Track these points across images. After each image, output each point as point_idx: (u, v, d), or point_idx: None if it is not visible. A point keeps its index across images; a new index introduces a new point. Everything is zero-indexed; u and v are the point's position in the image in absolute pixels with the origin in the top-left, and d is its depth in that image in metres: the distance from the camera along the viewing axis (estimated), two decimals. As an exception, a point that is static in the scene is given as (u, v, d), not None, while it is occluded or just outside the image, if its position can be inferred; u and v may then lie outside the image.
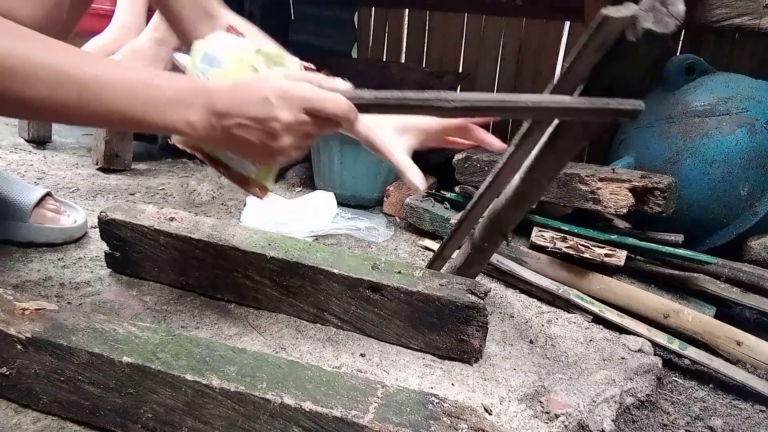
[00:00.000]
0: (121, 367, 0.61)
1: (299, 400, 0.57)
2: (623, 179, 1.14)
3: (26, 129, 1.74)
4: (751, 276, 1.12)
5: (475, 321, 0.83)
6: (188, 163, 1.82)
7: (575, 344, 0.98)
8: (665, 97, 1.40)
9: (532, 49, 1.96)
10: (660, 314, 1.05)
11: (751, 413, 0.95)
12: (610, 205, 1.14)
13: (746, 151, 1.26)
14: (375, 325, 0.88)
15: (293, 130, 0.65)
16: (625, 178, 1.14)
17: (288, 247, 0.92)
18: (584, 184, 1.17)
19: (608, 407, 0.83)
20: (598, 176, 1.16)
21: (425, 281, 0.86)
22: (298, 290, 0.90)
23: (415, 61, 2.21)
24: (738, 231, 1.30)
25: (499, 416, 0.75)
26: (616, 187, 1.14)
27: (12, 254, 1.01)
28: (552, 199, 1.23)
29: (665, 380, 1.00)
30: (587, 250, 1.11)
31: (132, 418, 0.62)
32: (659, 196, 1.11)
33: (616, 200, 1.14)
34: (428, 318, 0.84)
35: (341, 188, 1.60)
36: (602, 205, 1.15)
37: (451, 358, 0.86)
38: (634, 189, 1.12)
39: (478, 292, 0.84)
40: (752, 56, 1.58)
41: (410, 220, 1.44)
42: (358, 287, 0.86)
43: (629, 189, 1.13)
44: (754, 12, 1.51)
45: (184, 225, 0.96)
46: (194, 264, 0.93)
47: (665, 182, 1.11)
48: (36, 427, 0.63)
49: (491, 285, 1.16)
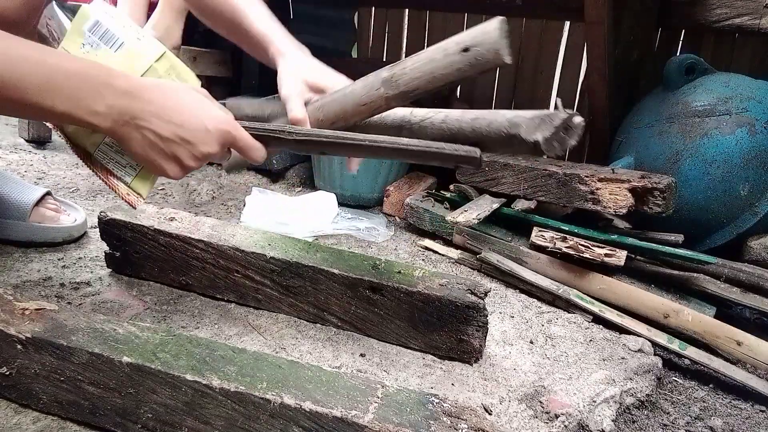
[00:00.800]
0: (121, 367, 0.61)
1: (299, 400, 0.57)
2: (623, 179, 1.14)
3: (26, 129, 1.74)
4: (751, 276, 1.12)
5: (475, 321, 0.83)
6: (188, 163, 1.82)
7: (575, 344, 0.98)
8: (665, 97, 1.40)
9: (532, 49, 1.96)
10: (660, 314, 1.05)
11: (751, 413, 0.95)
12: (610, 205, 1.14)
13: (746, 151, 1.26)
14: (375, 325, 0.88)
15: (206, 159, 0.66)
16: (625, 178, 1.14)
17: (288, 247, 0.92)
18: (584, 185, 1.17)
19: (608, 407, 0.83)
20: (598, 176, 1.16)
21: (425, 281, 0.86)
22: (298, 290, 0.90)
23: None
24: (738, 231, 1.30)
25: (499, 416, 0.75)
26: (615, 187, 1.14)
27: (12, 254, 1.01)
28: (551, 199, 1.23)
29: (665, 380, 1.00)
30: (587, 250, 1.11)
31: (132, 418, 0.62)
32: (659, 196, 1.11)
33: (615, 200, 1.14)
34: (428, 318, 0.84)
35: (341, 188, 1.60)
36: (602, 205, 1.15)
37: (451, 358, 0.86)
38: (634, 189, 1.12)
39: (478, 292, 0.84)
40: (752, 56, 1.58)
41: (410, 220, 1.44)
42: (358, 287, 0.86)
43: (629, 189, 1.13)
44: (754, 12, 1.51)
45: (184, 225, 0.96)
46: (194, 264, 0.93)
47: (665, 182, 1.11)
48: (36, 427, 0.63)
49: (491, 285, 1.16)
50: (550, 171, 1.23)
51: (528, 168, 1.26)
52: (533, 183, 1.25)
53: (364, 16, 2.35)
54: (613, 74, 1.54)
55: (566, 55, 1.91)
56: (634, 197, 1.13)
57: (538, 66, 1.97)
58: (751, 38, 1.56)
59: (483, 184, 1.35)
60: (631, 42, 1.60)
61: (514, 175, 1.28)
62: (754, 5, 1.50)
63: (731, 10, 1.53)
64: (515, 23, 1.98)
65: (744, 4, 1.51)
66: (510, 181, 1.29)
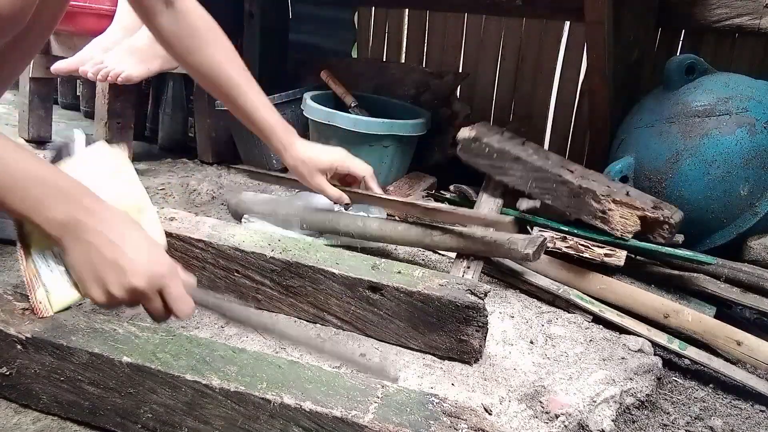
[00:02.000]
0: (120, 367, 0.61)
1: (299, 400, 0.57)
2: (637, 206, 1.12)
3: (26, 129, 1.74)
4: (751, 276, 1.12)
5: (475, 321, 0.83)
6: (188, 163, 1.82)
7: (575, 344, 0.98)
8: (665, 97, 1.40)
9: (532, 49, 1.96)
10: (660, 314, 1.05)
11: (751, 413, 0.95)
12: (618, 227, 1.12)
13: (746, 151, 1.26)
14: (375, 325, 0.88)
15: (131, 294, 0.65)
16: (639, 205, 1.12)
17: (288, 247, 0.92)
18: (597, 202, 1.14)
19: (608, 407, 0.83)
20: (613, 198, 1.13)
21: (425, 281, 0.86)
22: (298, 290, 0.90)
23: (415, 61, 2.21)
24: (738, 231, 1.30)
25: (499, 416, 0.75)
26: (627, 212, 1.12)
27: (12, 254, 1.01)
28: (559, 206, 1.20)
29: (665, 380, 1.00)
30: (587, 250, 1.11)
31: (132, 418, 0.62)
32: (667, 230, 1.11)
33: (624, 224, 1.12)
34: (428, 318, 0.84)
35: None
36: (610, 226, 1.12)
37: (450, 359, 0.86)
38: (645, 218, 1.12)
39: (478, 292, 0.84)
40: (752, 56, 1.57)
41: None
42: (358, 287, 0.86)
43: (640, 216, 1.12)
44: (754, 12, 1.50)
45: (185, 225, 0.96)
46: (194, 264, 0.93)
47: (677, 218, 1.11)
48: (36, 427, 0.63)
49: (491, 285, 1.16)
50: (564, 179, 1.18)
51: (540, 168, 1.21)
52: (543, 185, 1.20)
53: (364, 16, 2.35)
54: (613, 74, 1.54)
55: (566, 55, 1.91)
56: (643, 225, 1.12)
57: (538, 66, 1.97)
58: (751, 38, 1.56)
59: (487, 169, 1.27)
60: (631, 42, 1.60)
61: (524, 171, 1.21)
62: (754, 5, 1.50)
63: (731, 10, 1.53)
64: (515, 23, 1.98)
65: (744, 4, 1.51)
66: (518, 175, 1.22)
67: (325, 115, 1.53)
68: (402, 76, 1.90)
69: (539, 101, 1.98)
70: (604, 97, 1.56)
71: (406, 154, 1.63)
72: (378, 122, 1.54)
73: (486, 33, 2.05)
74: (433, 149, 1.76)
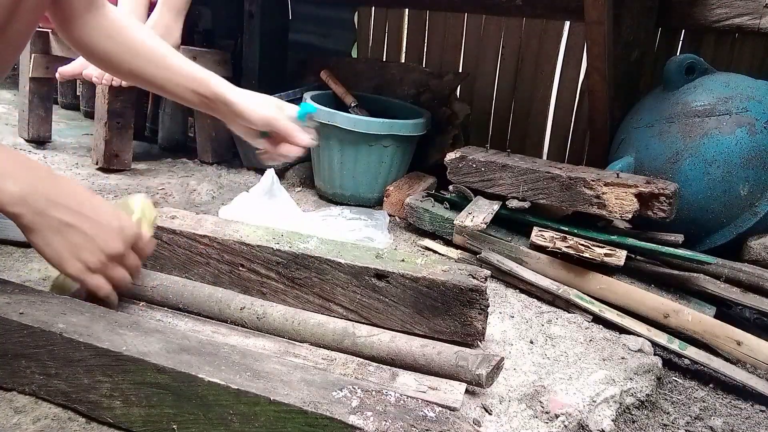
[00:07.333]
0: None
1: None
2: (629, 184, 1.13)
3: (26, 129, 1.74)
4: (751, 276, 1.12)
5: (478, 304, 0.84)
6: (188, 162, 1.82)
7: (575, 344, 0.98)
8: (665, 97, 1.40)
9: (532, 49, 1.96)
10: (660, 314, 1.05)
11: (751, 413, 0.95)
12: (616, 209, 1.14)
13: (746, 151, 1.26)
14: (380, 313, 0.88)
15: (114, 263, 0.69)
16: (631, 183, 1.14)
17: (293, 240, 0.93)
18: (589, 189, 1.16)
19: (608, 407, 0.83)
20: (604, 181, 1.15)
21: (428, 268, 0.88)
22: (303, 281, 0.91)
23: (415, 61, 2.21)
24: (738, 231, 1.30)
25: (499, 416, 0.75)
26: (621, 191, 1.13)
27: (12, 254, 1.01)
28: (553, 202, 1.22)
29: (665, 380, 1.00)
30: (587, 250, 1.11)
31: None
32: (665, 202, 1.11)
33: (621, 205, 1.13)
34: (433, 303, 0.85)
35: (341, 188, 1.60)
36: (607, 209, 1.14)
37: (454, 342, 0.85)
38: (640, 194, 1.12)
39: (479, 276, 0.85)
40: (752, 56, 1.58)
41: (410, 220, 1.44)
42: (364, 275, 0.87)
43: (635, 194, 1.12)
44: (754, 12, 1.51)
45: (187, 222, 0.96)
46: (198, 260, 0.94)
47: (671, 188, 1.11)
48: (36, 427, 0.63)
49: (491, 285, 1.16)
50: (552, 174, 1.21)
51: (529, 170, 1.24)
52: (534, 185, 1.24)
53: (364, 16, 2.35)
54: (613, 74, 1.54)
55: (566, 55, 1.91)
56: (640, 202, 1.12)
57: (538, 66, 1.97)
58: (751, 38, 1.56)
59: (478, 185, 1.32)
60: (631, 42, 1.60)
61: (513, 177, 1.26)
62: (754, 5, 1.50)
63: (731, 10, 1.53)
64: (515, 23, 1.98)
65: (744, 4, 1.51)
66: (508, 182, 1.27)
67: (325, 115, 1.53)
68: (402, 75, 1.90)
69: (539, 101, 1.99)
70: (604, 97, 1.56)
71: (406, 154, 1.63)
72: (378, 122, 1.54)
73: (486, 33, 2.05)
74: (433, 149, 1.76)
